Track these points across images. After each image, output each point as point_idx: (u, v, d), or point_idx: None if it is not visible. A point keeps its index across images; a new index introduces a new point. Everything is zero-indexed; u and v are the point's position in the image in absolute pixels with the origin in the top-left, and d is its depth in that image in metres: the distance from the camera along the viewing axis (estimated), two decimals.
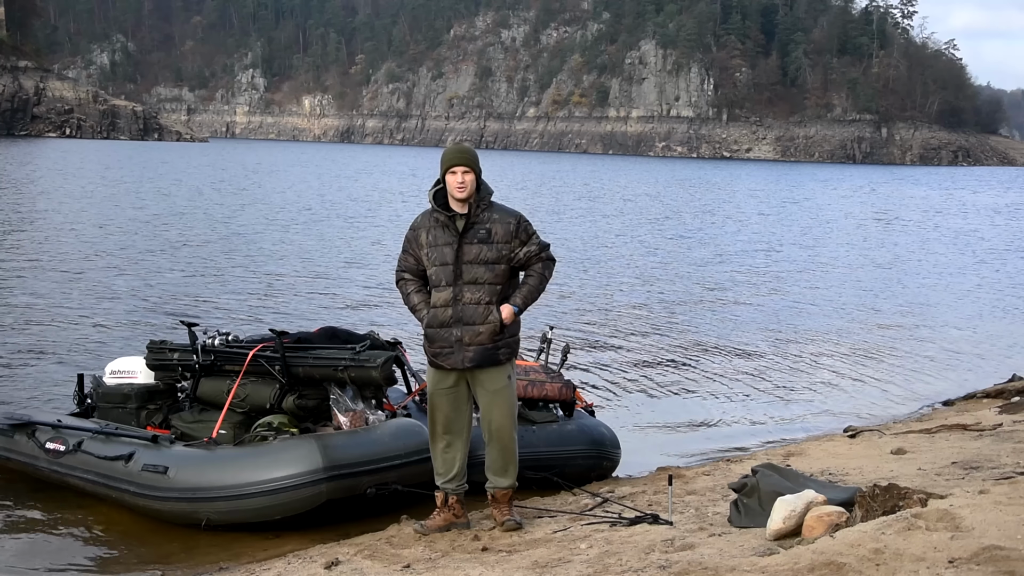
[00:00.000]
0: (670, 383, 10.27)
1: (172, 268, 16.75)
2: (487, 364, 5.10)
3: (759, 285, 17.83)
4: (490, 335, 5.05)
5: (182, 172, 47.93)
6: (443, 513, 5.27)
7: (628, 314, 14.30)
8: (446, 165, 5.10)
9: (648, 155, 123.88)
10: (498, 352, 5.09)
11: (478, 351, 5.06)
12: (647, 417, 8.99)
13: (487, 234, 5.08)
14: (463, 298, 5.06)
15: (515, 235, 5.11)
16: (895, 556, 3.51)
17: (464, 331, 5.06)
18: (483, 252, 5.07)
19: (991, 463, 5.88)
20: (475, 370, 5.11)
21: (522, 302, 5.14)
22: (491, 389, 5.14)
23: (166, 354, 6.53)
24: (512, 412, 5.22)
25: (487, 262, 5.07)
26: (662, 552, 4.29)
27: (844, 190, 56.54)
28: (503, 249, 5.09)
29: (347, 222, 26.95)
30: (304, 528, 5.54)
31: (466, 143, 5.46)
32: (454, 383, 5.15)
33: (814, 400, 9.90)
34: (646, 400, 9.56)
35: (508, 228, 5.10)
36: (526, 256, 5.14)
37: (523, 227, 5.15)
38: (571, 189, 47.48)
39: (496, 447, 5.24)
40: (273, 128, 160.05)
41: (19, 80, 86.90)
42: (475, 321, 5.06)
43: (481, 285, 5.07)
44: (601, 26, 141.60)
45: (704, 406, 9.48)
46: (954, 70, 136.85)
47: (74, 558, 5.41)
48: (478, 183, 5.12)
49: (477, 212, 5.11)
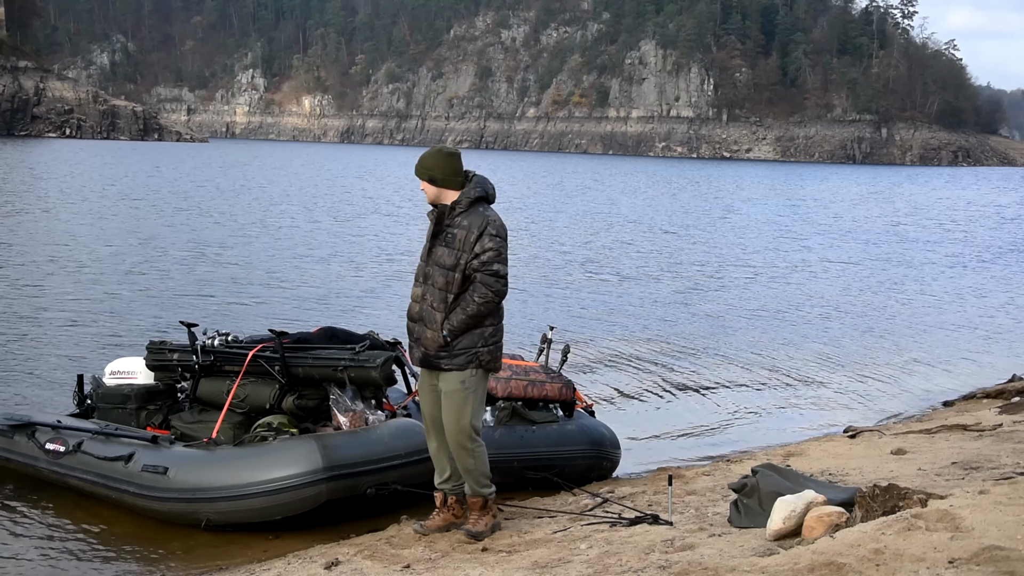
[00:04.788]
0: (670, 383, 10.26)
1: (172, 268, 16.75)
2: (431, 367, 5.09)
3: (760, 285, 17.83)
4: (434, 344, 5.02)
5: (182, 172, 47.89)
6: (442, 513, 5.25)
7: (628, 314, 14.29)
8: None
9: (648, 155, 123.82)
10: (440, 360, 5.03)
11: (424, 353, 5.09)
12: (647, 417, 9.00)
13: (452, 238, 5.02)
14: (426, 298, 5.07)
15: (474, 244, 4.98)
16: (895, 556, 3.51)
17: (420, 331, 5.09)
18: (444, 256, 5.02)
19: (991, 463, 5.88)
20: (432, 369, 5.11)
21: (449, 330, 4.97)
22: (442, 390, 5.09)
23: (166, 354, 6.53)
24: (458, 418, 5.02)
25: (444, 267, 5.01)
26: (662, 552, 4.29)
27: (849, 189, 56.53)
28: (460, 257, 4.98)
29: (347, 222, 26.95)
30: (304, 528, 5.54)
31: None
32: (432, 381, 5.14)
33: (814, 400, 9.90)
34: (646, 400, 9.56)
35: (471, 236, 4.98)
36: (471, 269, 4.98)
37: (484, 238, 4.97)
38: (571, 189, 47.47)
39: (451, 449, 5.15)
40: (273, 128, 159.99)
41: (19, 80, 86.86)
42: (427, 323, 5.05)
43: (435, 289, 5.03)
44: (601, 26, 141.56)
45: (704, 406, 9.48)
46: (954, 70, 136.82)
47: (74, 558, 5.40)
48: (453, 186, 5.06)
49: (453, 215, 5.06)
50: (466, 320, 4.98)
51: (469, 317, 4.98)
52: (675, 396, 9.79)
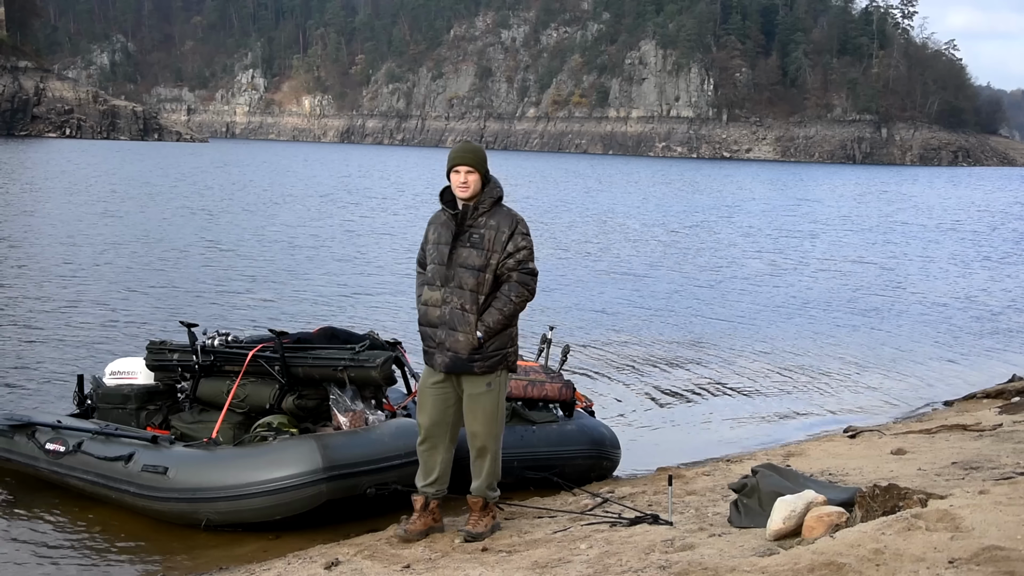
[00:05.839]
0: (670, 383, 10.26)
1: (172, 268, 16.75)
2: (461, 371, 5.01)
3: (760, 285, 17.83)
4: (466, 347, 4.94)
5: (182, 172, 47.88)
6: (423, 517, 5.18)
7: (628, 314, 14.30)
8: (451, 164, 5.03)
9: (648, 155, 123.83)
10: (472, 364, 4.97)
11: (453, 358, 4.97)
12: (647, 417, 9.00)
13: (479, 239, 4.95)
14: (451, 301, 4.97)
15: (506, 244, 4.95)
16: (895, 556, 3.51)
17: (447, 335, 4.97)
18: (471, 257, 4.95)
19: (991, 463, 5.88)
20: (462, 374, 5.03)
21: (484, 331, 4.92)
22: (468, 393, 5.04)
23: (166, 355, 6.54)
24: (488, 420, 5.03)
25: (473, 268, 4.94)
26: (662, 552, 4.29)
27: (850, 189, 56.55)
28: (491, 257, 4.94)
29: (347, 222, 26.96)
30: (304, 528, 5.54)
31: (474, 143, 5.33)
32: (443, 380, 5.06)
33: (814, 400, 9.90)
34: (646, 400, 9.56)
35: (501, 235, 4.95)
36: (504, 268, 4.97)
37: (516, 237, 4.98)
38: (572, 189, 47.47)
39: (472, 451, 5.15)
40: (273, 128, 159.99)
41: (19, 80, 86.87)
42: (456, 327, 4.96)
43: (464, 291, 4.95)
44: (601, 26, 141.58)
45: (704, 406, 9.48)
46: (954, 70, 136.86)
47: (74, 559, 5.40)
48: (485, 184, 5.02)
49: (476, 215, 5.00)
50: (502, 320, 4.95)
51: (506, 317, 4.96)
52: (675, 396, 9.79)
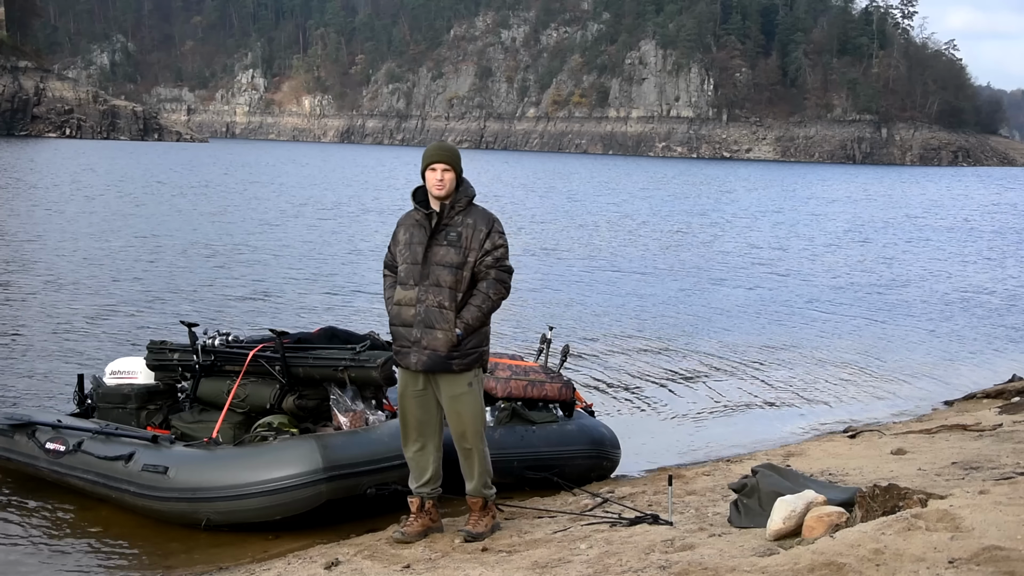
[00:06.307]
0: (670, 383, 10.26)
1: (172, 268, 16.75)
2: (440, 370, 5.02)
3: (760, 286, 17.83)
4: (445, 344, 4.96)
5: (183, 172, 47.89)
6: (420, 519, 5.19)
7: (628, 314, 14.29)
8: (426, 162, 5.06)
9: (648, 155, 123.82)
10: (451, 362, 4.99)
11: (432, 356, 4.98)
12: (647, 417, 9.00)
13: (456, 237, 4.99)
14: (426, 299, 4.99)
15: (483, 242, 5.01)
16: (895, 556, 3.51)
17: (424, 333, 4.98)
18: (449, 255, 4.98)
19: (991, 463, 5.89)
20: (433, 374, 5.04)
21: (464, 327, 4.96)
22: (449, 395, 5.05)
23: (166, 354, 6.53)
24: (473, 418, 5.07)
25: (450, 266, 4.97)
26: (662, 552, 4.29)
27: (850, 189, 56.54)
28: (469, 255, 4.99)
29: (347, 222, 26.95)
30: (304, 528, 5.54)
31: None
32: (423, 386, 5.08)
33: (814, 400, 9.90)
34: (646, 400, 9.56)
35: (479, 234, 5.00)
36: (482, 266, 5.01)
37: (493, 235, 5.03)
38: (573, 189, 47.47)
39: (460, 453, 5.17)
40: (273, 128, 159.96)
41: (19, 80, 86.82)
42: (434, 325, 4.97)
43: (442, 288, 4.97)
44: (601, 26, 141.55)
45: (704, 406, 9.48)
46: (954, 70, 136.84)
47: (74, 558, 5.40)
48: (459, 183, 5.07)
49: (451, 213, 5.04)
50: (481, 317, 5.00)
51: (484, 314, 5.02)
52: (675, 396, 9.78)
